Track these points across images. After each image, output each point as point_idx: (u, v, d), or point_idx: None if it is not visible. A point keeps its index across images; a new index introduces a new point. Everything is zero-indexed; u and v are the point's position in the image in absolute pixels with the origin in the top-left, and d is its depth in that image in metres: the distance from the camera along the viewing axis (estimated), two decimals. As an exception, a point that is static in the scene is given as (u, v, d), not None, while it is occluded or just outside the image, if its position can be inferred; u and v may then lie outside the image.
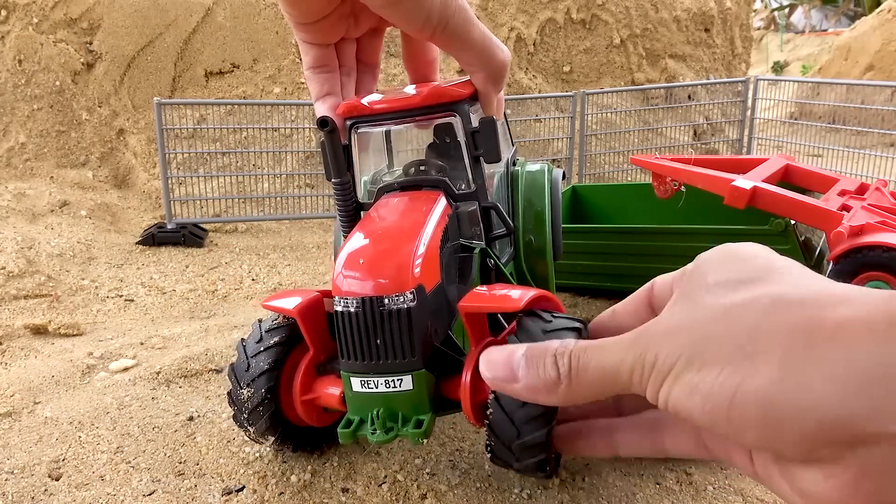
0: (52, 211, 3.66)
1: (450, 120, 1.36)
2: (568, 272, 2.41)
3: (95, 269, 3.06)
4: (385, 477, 1.34)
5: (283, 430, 1.32)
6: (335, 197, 1.38)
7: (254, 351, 1.29)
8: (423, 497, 1.28)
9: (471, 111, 1.34)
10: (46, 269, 2.88)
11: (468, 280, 1.35)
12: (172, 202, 3.63)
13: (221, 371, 1.89)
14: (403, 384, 1.12)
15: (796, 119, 5.63)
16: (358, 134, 1.41)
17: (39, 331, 2.36)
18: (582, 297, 2.52)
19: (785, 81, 5.94)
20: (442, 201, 1.34)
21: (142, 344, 2.17)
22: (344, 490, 1.31)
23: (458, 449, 1.44)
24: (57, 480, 1.38)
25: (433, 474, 1.35)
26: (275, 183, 4.03)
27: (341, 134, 1.27)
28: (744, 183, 2.07)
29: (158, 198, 3.96)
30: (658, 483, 1.33)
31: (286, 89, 4.30)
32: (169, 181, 3.61)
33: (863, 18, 9.20)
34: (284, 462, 1.39)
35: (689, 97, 5.17)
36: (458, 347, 1.24)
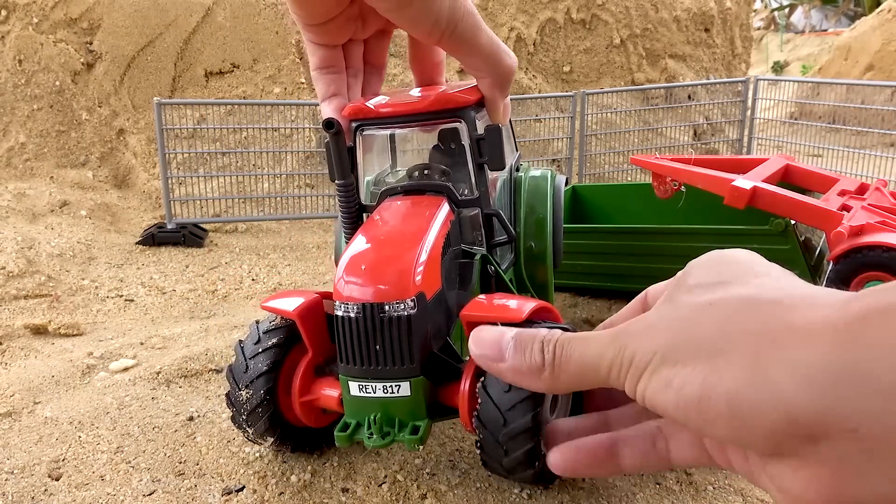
0: (52, 211, 3.66)
1: (455, 125, 1.36)
2: (568, 272, 2.41)
3: (95, 269, 3.06)
4: (385, 477, 1.34)
5: (282, 431, 1.32)
6: (338, 198, 1.38)
7: (252, 352, 1.29)
8: (423, 497, 1.28)
9: (476, 117, 1.34)
10: (46, 269, 2.88)
11: (468, 286, 1.35)
12: (172, 202, 3.63)
13: (221, 371, 1.89)
14: (401, 390, 1.13)
15: (796, 119, 5.63)
16: (363, 136, 1.41)
17: (39, 331, 2.36)
18: (582, 297, 2.51)
19: (785, 81, 5.94)
20: (445, 207, 1.34)
21: (142, 344, 2.17)
22: (344, 490, 1.31)
23: (458, 449, 1.44)
24: (57, 480, 1.38)
25: (433, 474, 1.35)
26: (275, 183, 4.04)
27: (346, 136, 1.28)
28: (744, 183, 2.07)
29: (158, 198, 3.96)
30: (658, 483, 1.33)
31: (286, 89, 4.30)
32: (169, 181, 3.61)
33: (863, 18, 9.20)
34: (284, 462, 1.39)
35: (689, 97, 5.17)
36: (457, 354, 1.25)
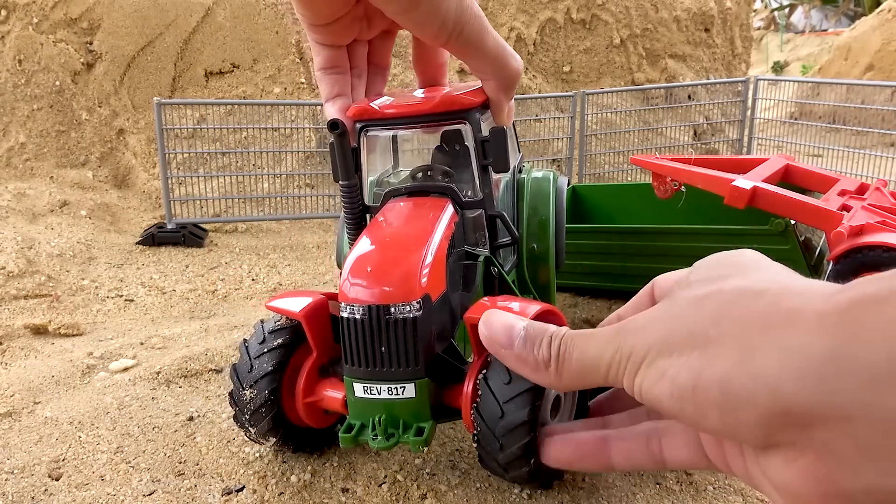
0: (52, 211, 3.66)
1: (459, 127, 1.36)
2: (568, 272, 2.41)
3: (95, 269, 3.06)
4: (385, 477, 1.34)
5: (285, 432, 1.32)
6: (342, 199, 1.38)
7: (257, 352, 1.29)
8: (423, 497, 1.28)
9: (481, 119, 1.34)
10: (46, 269, 2.88)
11: (472, 288, 1.35)
12: (172, 202, 3.63)
13: (221, 371, 1.89)
14: (406, 392, 1.13)
15: (796, 119, 5.63)
16: (367, 137, 1.41)
17: (39, 331, 2.36)
18: (582, 297, 2.52)
19: (785, 81, 5.94)
20: (449, 209, 1.34)
21: (142, 344, 2.17)
22: (344, 490, 1.31)
23: (458, 449, 1.44)
24: (57, 480, 1.38)
25: (433, 474, 1.35)
26: (275, 183, 4.03)
27: (350, 136, 1.28)
28: (744, 183, 2.07)
29: (158, 198, 3.96)
30: (658, 483, 1.33)
31: (286, 89, 4.30)
32: (169, 181, 3.61)
33: (863, 18, 9.20)
34: (284, 462, 1.39)
35: (689, 97, 5.17)
36: (461, 356, 1.25)
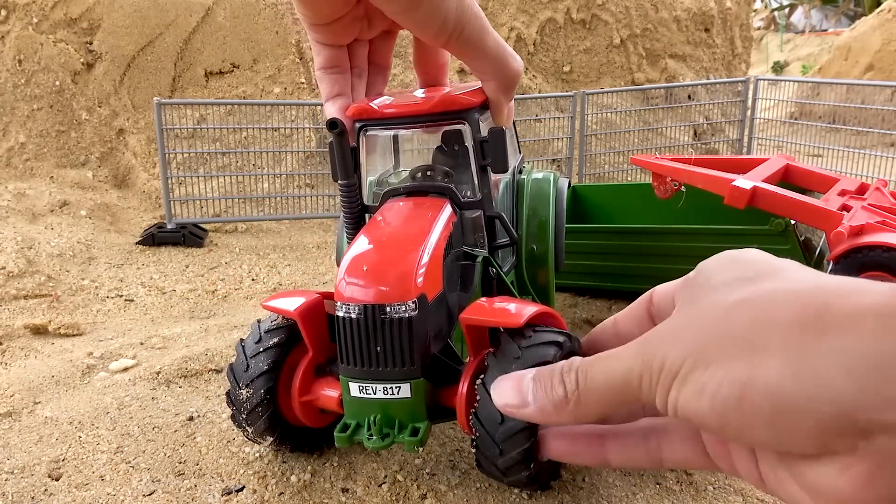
0: (52, 211, 3.66)
1: (459, 127, 1.36)
2: (568, 272, 2.41)
3: (95, 269, 3.06)
4: (385, 477, 1.34)
5: (282, 431, 1.32)
6: (341, 198, 1.39)
7: (253, 351, 1.29)
8: (423, 497, 1.28)
9: (480, 120, 1.34)
10: (46, 269, 2.88)
11: (470, 288, 1.35)
12: (172, 202, 3.63)
13: (221, 371, 1.89)
14: (401, 392, 1.13)
15: (796, 119, 5.63)
16: (366, 136, 1.41)
17: (39, 331, 2.36)
18: (582, 297, 2.51)
19: (785, 81, 5.94)
20: (447, 209, 1.34)
21: (142, 344, 2.17)
22: (344, 490, 1.31)
23: (458, 449, 1.44)
24: (57, 480, 1.38)
25: (433, 474, 1.35)
26: (275, 183, 4.03)
27: (350, 136, 1.28)
28: (744, 183, 2.07)
29: (158, 198, 3.96)
30: (658, 483, 1.33)
31: (286, 89, 4.30)
32: (169, 181, 3.61)
33: (863, 18, 9.20)
34: (284, 462, 1.39)
35: (689, 97, 5.17)
36: (457, 356, 1.25)
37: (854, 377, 0.35)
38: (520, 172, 1.79)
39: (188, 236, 3.48)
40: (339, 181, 1.33)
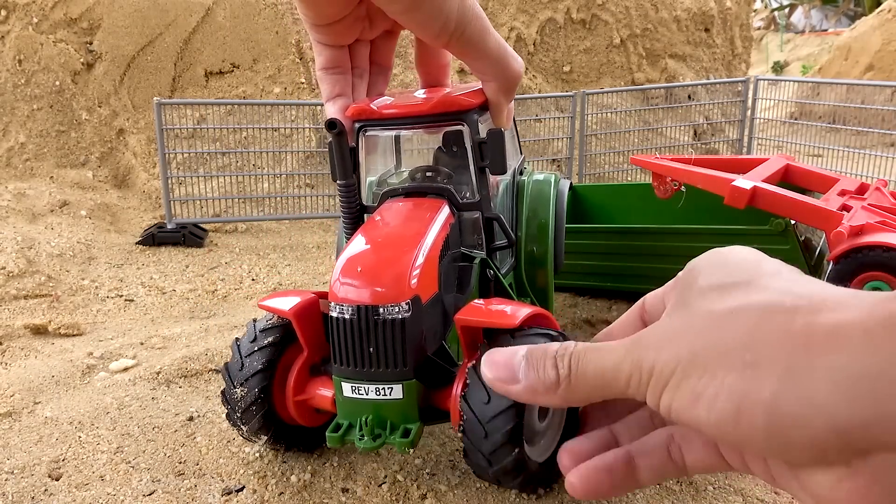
0: (52, 211, 3.65)
1: (458, 128, 1.36)
2: (568, 272, 2.41)
3: (95, 269, 3.06)
4: (385, 477, 1.34)
5: (276, 430, 1.32)
6: (339, 198, 1.39)
7: (248, 350, 1.30)
8: (423, 497, 1.28)
9: (479, 121, 1.34)
10: (46, 269, 2.88)
11: (466, 290, 1.35)
12: (172, 202, 3.63)
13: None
14: (393, 393, 1.13)
15: (796, 119, 5.63)
16: (366, 137, 1.41)
17: (39, 331, 2.36)
18: (582, 297, 2.51)
19: (785, 81, 5.94)
20: (445, 210, 1.34)
21: (142, 344, 2.17)
22: (344, 490, 1.31)
23: (458, 449, 1.44)
24: (57, 480, 1.38)
25: (433, 474, 1.35)
26: (275, 183, 4.03)
27: (349, 136, 1.28)
28: (744, 183, 2.07)
29: (158, 198, 3.96)
30: (658, 483, 1.33)
31: (286, 89, 4.30)
32: (169, 181, 3.61)
33: (863, 18, 9.20)
34: (284, 462, 1.39)
35: (689, 97, 5.17)
36: (451, 358, 1.25)
37: (845, 397, 0.36)
38: (520, 173, 1.78)
39: (188, 236, 3.48)
40: (338, 181, 1.34)
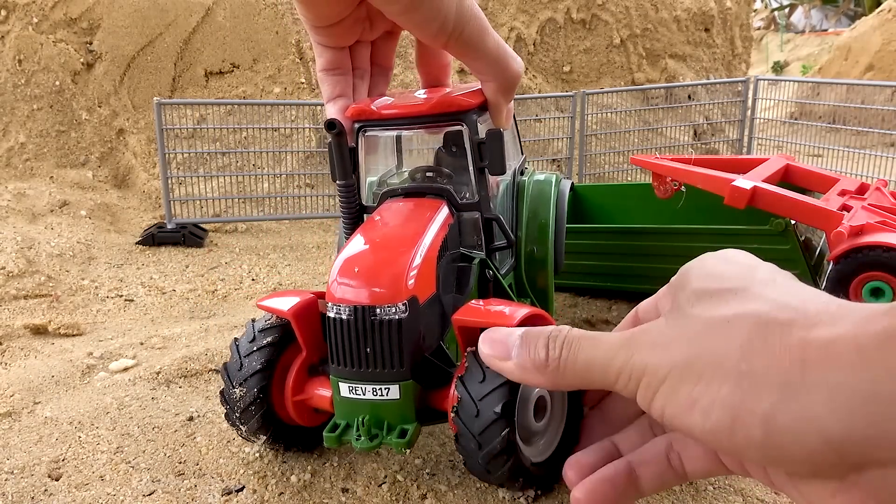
0: (52, 211, 3.66)
1: (458, 129, 1.36)
2: (568, 272, 2.41)
3: (95, 269, 3.06)
4: (385, 477, 1.34)
5: (275, 430, 1.32)
6: (339, 199, 1.39)
7: (247, 351, 1.30)
8: (423, 497, 1.28)
9: (479, 121, 1.34)
10: (46, 269, 2.88)
11: (465, 290, 1.35)
12: (172, 202, 3.63)
13: (221, 371, 1.89)
14: (390, 393, 1.13)
15: (796, 119, 5.63)
16: (365, 137, 1.41)
17: (39, 331, 2.36)
18: (582, 297, 2.51)
19: (785, 81, 5.94)
20: (444, 210, 1.34)
21: (142, 344, 2.17)
22: (344, 490, 1.31)
23: (458, 449, 1.44)
24: (57, 480, 1.38)
25: (433, 474, 1.35)
26: (275, 183, 4.03)
27: (348, 136, 1.28)
28: (744, 183, 2.07)
29: (158, 198, 3.96)
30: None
31: (286, 89, 4.30)
32: (169, 181, 3.61)
33: (863, 18, 9.20)
34: (284, 462, 1.39)
35: (689, 97, 5.17)
36: (449, 359, 1.25)
37: (840, 413, 0.36)
38: (521, 174, 1.78)
39: (188, 236, 3.48)
40: (338, 182, 1.34)
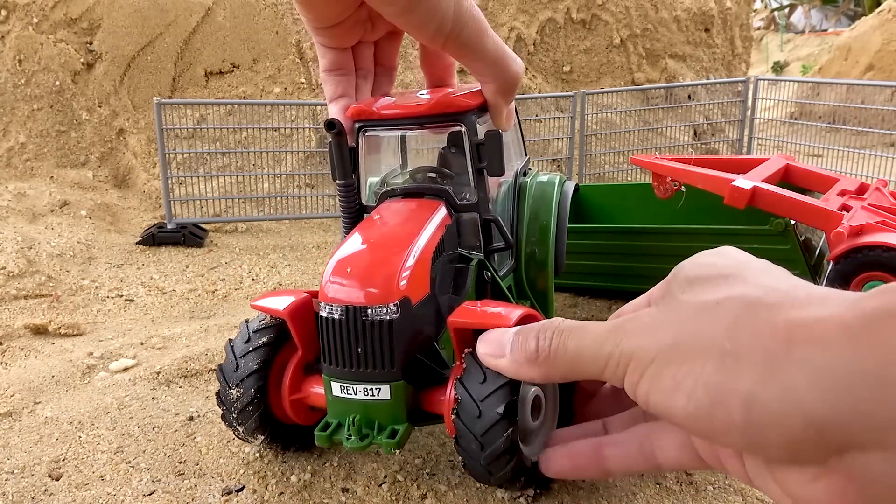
0: (52, 211, 3.66)
1: (458, 129, 1.36)
2: (568, 272, 2.41)
3: (95, 269, 3.06)
4: (385, 477, 1.34)
5: (272, 430, 1.32)
6: (339, 198, 1.39)
7: (242, 351, 1.30)
8: (423, 497, 1.28)
9: (478, 122, 1.33)
10: (46, 269, 2.88)
11: (463, 292, 1.35)
12: (172, 202, 3.63)
13: (221, 371, 1.89)
14: (381, 393, 1.13)
15: (796, 119, 5.63)
16: (366, 137, 1.41)
17: (39, 331, 2.36)
18: (582, 297, 2.51)
19: (785, 81, 5.94)
20: (441, 211, 1.34)
21: (142, 344, 2.17)
22: (344, 490, 1.31)
23: (458, 449, 1.44)
24: (57, 480, 1.38)
25: (433, 474, 1.35)
26: (275, 183, 4.03)
27: (349, 136, 1.28)
28: (744, 183, 2.07)
29: (158, 198, 3.96)
30: (658, 483, 1.33)
31: (286, 89, 4.30)
32: (169, 181, 3.61)
33: (863, 18, 9.20)
34: (284, 462, 1.39)
35: (689, 97, 5.17)
36: (442, 360, 1.25)
37: (824, 394, 0.35)
38: (524, 175, 1.78)
39: (188, 236, 3.48)
40: (338, 181, 1.34)
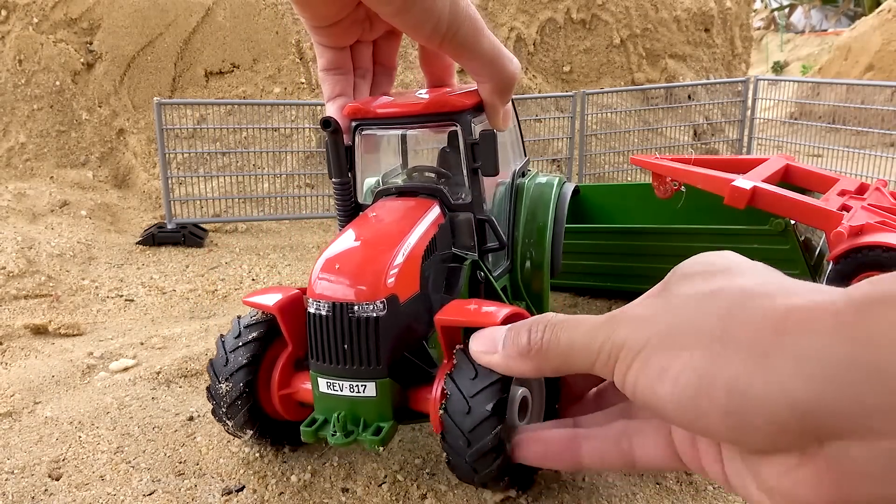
0: (52, 211, 3.65)
1: (454, 129, 1.36)
2: (568, 272, 2.41)
3: (95, 269, 3.06)
4: (385, 477, 1.34)
5: (261, 425, 1.33)
6: (335, 197, 1.39)
7: (232, 346, 1.30)
8: (423, 497, 1.28)
9: (474, 122, 1.34)
10: (46, 269, 2.88)
11: (455, 291, 1.35)
12: (172, 202, 3.63)
13: (221, 371, 1.89)
14: (367, 390, 1.14)
15: (796, 119, 5.63)
16: (363, 136, 1.41)
17: (39, 331, 2.36)
18: (582, 297, 2.51)
19: (785, 81, 5.94)
20: (434, 210, 1.34)
21: (142, 344, 2.17)
22: (344, 490, 1.31)
23: (458, 449, 1.44)
24: (57, 480, 1.38)
25: (433, 474, 1.35)
26: (275, 183, 4.03)
27: (345, 135, 1.28)
28: (744, 183, 2.07)
29: (158, 198, 3.96)
30: (658, 483, 1.33)
31: (286, 89, 4.30)
32: (169, 181, 3.61)
33: (863, 18, 9.20)
34: (284, 462, 1.39)
35: (689, 97, 5.17)
36: (430, 359, 1.25)
37: (810, 381, 0.35)
38: (522, 175, 1.77)
39: (188, 236, 3.48)
40: (333, 179, 1.34)
